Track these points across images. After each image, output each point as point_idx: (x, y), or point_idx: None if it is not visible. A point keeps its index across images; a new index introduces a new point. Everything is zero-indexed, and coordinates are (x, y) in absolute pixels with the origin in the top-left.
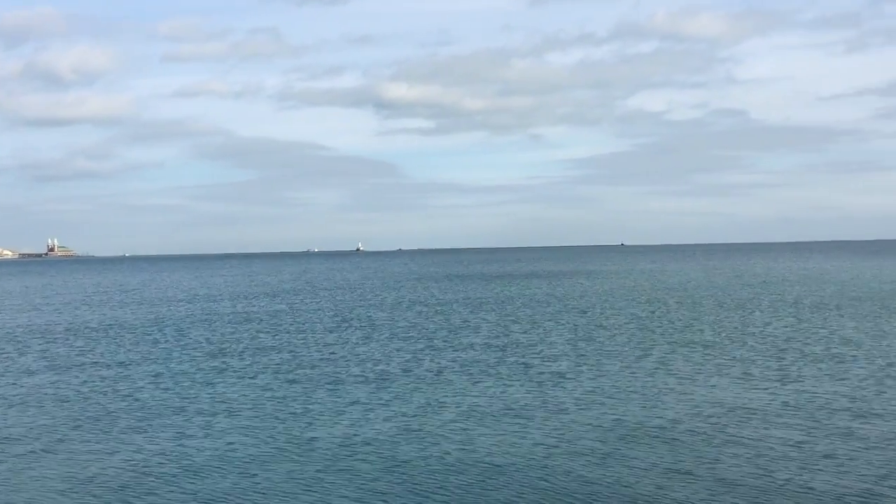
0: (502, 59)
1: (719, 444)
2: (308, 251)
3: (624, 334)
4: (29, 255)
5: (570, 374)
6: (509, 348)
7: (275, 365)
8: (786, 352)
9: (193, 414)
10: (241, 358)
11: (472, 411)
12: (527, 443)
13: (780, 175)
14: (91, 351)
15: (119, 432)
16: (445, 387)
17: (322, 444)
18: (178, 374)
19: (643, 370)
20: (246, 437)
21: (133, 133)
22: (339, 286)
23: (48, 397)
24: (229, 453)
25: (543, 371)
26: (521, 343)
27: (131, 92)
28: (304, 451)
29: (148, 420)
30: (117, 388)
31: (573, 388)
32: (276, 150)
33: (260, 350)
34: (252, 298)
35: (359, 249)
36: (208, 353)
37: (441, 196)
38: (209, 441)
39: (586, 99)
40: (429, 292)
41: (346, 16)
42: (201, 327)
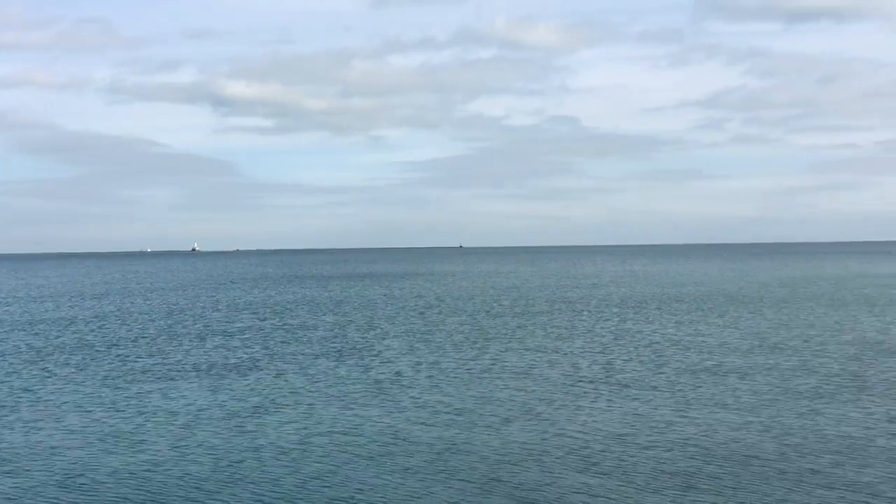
0: (343, 60)
1: (549, 437)
2: (142, 251)
3: (460, 333)
4: None
5: (407, 373)
6: (346, 349)
7: (102, 369)
8: (611, 349)
9: (14, 421)
10: (65, 363)
11: (311, 411)
12: (362, 440)
13: (610, 181)
14: None
15: None
16: (282, 387)
17: (151, 445)
18: None
19: (479, 367)
20: (71, 440)
21: None
22: (173, 287)
23: None
24: (54, 456)
25: (383, 371)
26: (359, 344)
27: None
28: (133, 452)
29: None
30: None
31: (410, 387)
32: (106, 146)
33: (86, 354)
34: (79, 300)
35: (195, 250)
36: (27, 360)
37: (280, 196)
38: (32, 444)
39: (427, 102)
40: (266, 294)
41: (182, 9)
42: (21, 331)
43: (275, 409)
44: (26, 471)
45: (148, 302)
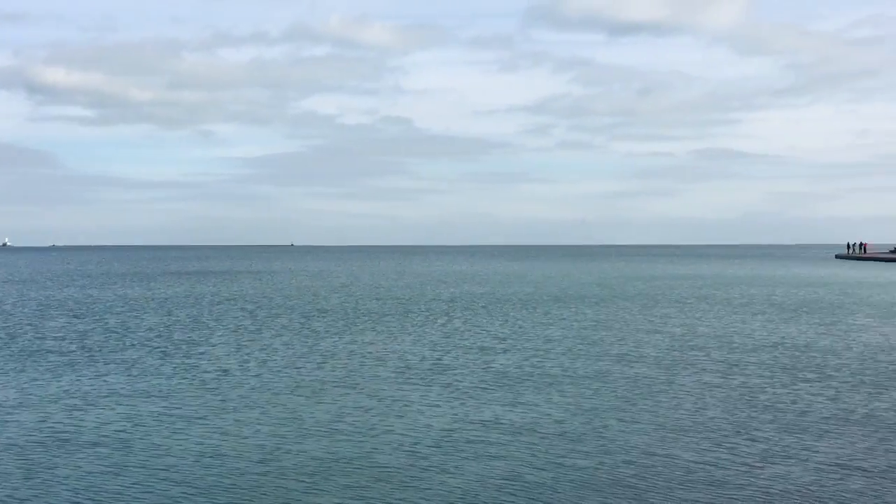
0: (172, 51)
1: (376, 435)
2: None
3: (290, 331)
4: None
5: (235, 372)
6: (171, 349)
7: None
8: (440, 346)
9: None
10: None
11: (132, 412)
12: (187, 441)
13: (441, 182)
14: None
15: None
16: (101, 388)
17: None
18: None
19: (309, 365)
20: None
21: None
22: None
23: None
24: None
25: (208, 370)
26: (185, 343)
27: None
28: None
29: None
30: None
31: (237, 386)
32: None
33: None
34: None
35: (5, 244)
36: None
37: (103, 190)
38: None
39: (259, 98)
40: (84, 292)
41: None
42: None
43: (93, 410)
44: None
45: None
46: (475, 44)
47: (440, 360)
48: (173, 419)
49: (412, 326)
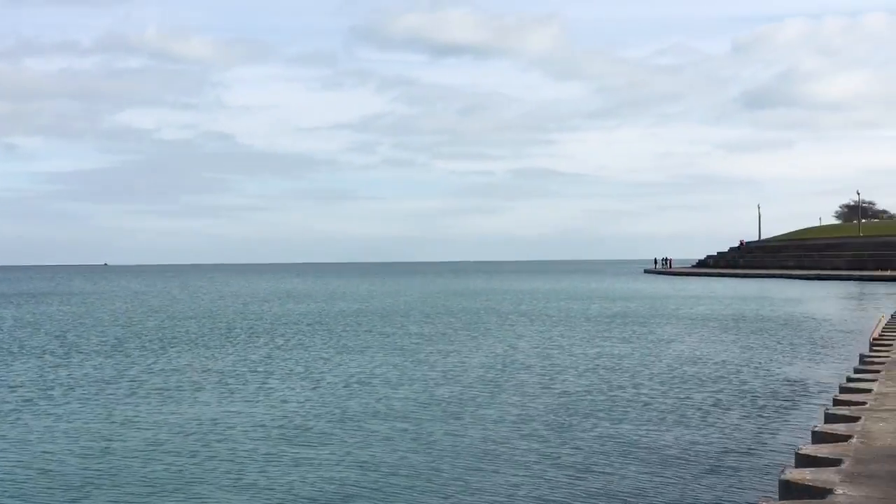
0: None
1: (202, 460)
2: None
3: (101, 355)
4: None
5: (40, 402)
6: None
7: None
8: (263, 364)
9: None
10: None
11: None
12: None
13: (266, 199)
14: None
15: None
16: None
17: None
18: None
19: (121, 391)
20: None
21: None
22: None
23: None
24: None
25: (9, 400)
26: None
27: None
28: None
29: None
30: None
31: (45, 414)
32: None
33: None
34: None
35: None
36: None
37: None
38: None
39: (69, 110)
40: None
41: None
42: None
43: None
44: None
45: None
46: (299, 60)
47: (265, 382)
48: None
49: (233, 347)
